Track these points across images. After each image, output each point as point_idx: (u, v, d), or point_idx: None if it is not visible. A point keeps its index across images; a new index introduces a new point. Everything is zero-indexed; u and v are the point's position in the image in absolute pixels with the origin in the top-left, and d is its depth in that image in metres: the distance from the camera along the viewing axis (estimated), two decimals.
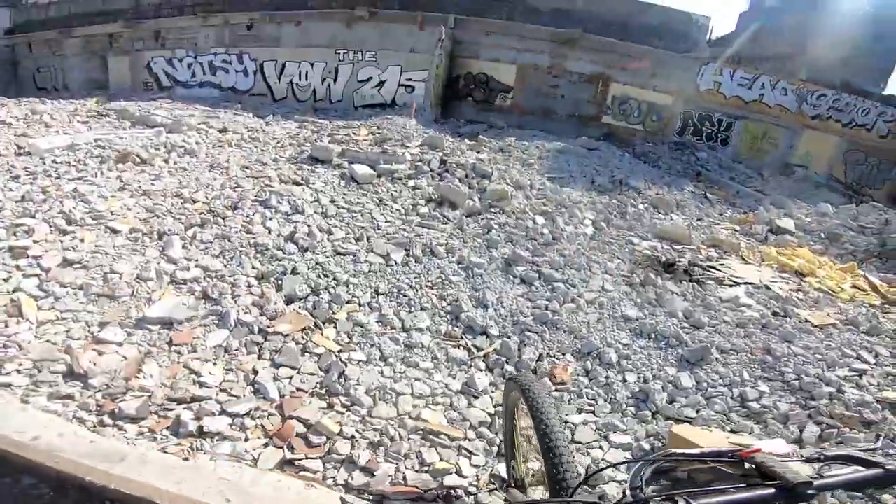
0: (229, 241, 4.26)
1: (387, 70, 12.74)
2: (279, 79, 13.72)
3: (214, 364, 2.97)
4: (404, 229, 4.91)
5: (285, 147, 7.16)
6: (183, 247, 4.15)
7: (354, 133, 8.04)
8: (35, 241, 3.93)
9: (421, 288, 3.97)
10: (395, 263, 4.25)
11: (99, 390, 2.65)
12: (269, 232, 4.48)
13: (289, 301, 3.64)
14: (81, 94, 14.31)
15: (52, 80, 16.59)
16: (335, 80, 13.15)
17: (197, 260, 3.98)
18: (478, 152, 8.74)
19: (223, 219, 4.58)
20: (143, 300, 3.47)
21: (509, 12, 12.80)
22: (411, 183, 6.13)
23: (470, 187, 6.42)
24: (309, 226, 4.61)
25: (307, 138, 7.57)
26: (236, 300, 3.54)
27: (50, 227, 4.17)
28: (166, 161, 6.17)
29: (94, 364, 2.84)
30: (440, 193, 5.89)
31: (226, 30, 14.09)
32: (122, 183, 5.25)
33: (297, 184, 5.53)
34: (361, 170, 6.00)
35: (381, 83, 12.82)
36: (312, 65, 13.25)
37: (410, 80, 12.57)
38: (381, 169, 6.21)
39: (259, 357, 3.07)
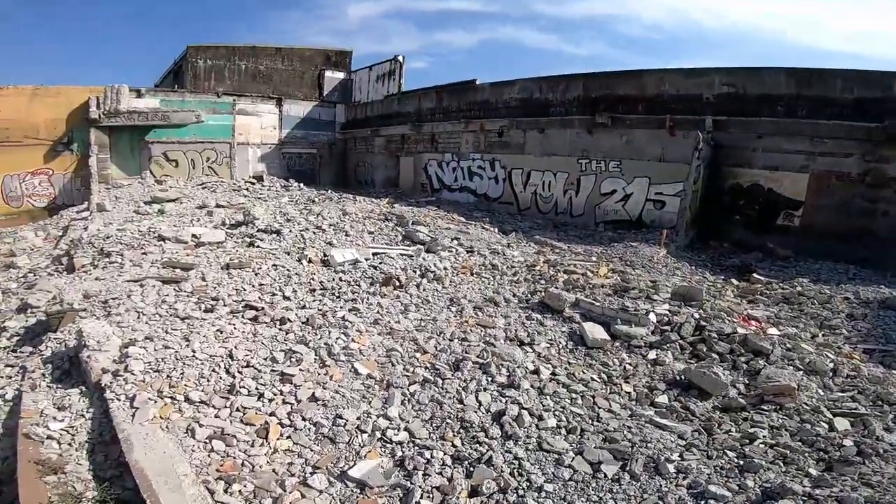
0: (441, 407, 4.16)
1: (633, 182, 11.58)
2: (524, 187, 14.02)
3: None
4: (629, 427, 3.94)
5: (520, 282, 7.11)
6: (402, 403, 4.25)
7: (592, 271, 7.46)
8: (300, 370, 4.66)
9: None
10: (604, 477, 3.35)
11: None
12: (479, 406, 4.21)
13: (473, 493, 3.27)
14: (381, 191, 18.18)
15: (365, 175, 20.90)
16: (577, 192, 12.65)
17: (408, 422, 3.99)
18: (749, 301, 6.91)
19: (442, 380, 4.57)
20: (353, 452, 3.65)
21: (788, 108, 10.30)
22: (652, 355, 5.08)
23: (734, 367, 4.94)
24: (520, 405, 4.15)
25: (542, 274, 7.36)
26: (426, 479, 3.36)
27: (315, 357, 4.91)
28: (417, 286, 6.87)
29: None
30: (688, 377, 4.66)
31: (482, 136, 15.16)
32: (379, 313, 5.96)
33: (522, 344, 5.23)
34: (593, 332, 5.32)
35: (627, 196, 11.70)
36: (555, 174, 13.12)
37: (660, 193, 11.16)
38: (617, 330, 5.39)
39: None
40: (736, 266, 8.88)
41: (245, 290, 6.38)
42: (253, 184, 17.44)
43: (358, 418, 4.01)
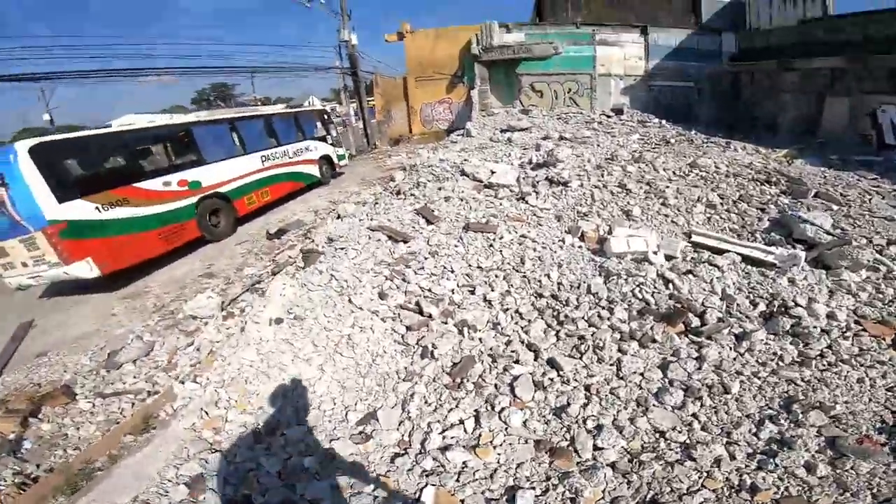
0: None
1: None
2: None
3: None
4: None
5: None
6: None
7: None
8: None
9: None
10: None
11: None
12: None
13: None
14: (786, 137, 12.12)
15: (764, 116, 14.95)
16: None
17: None
18: None
19: None
20: None
21: None
22: None
23: None
24: None
25: None
26: None
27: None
28: (739, 341, 3.35)
29: None
30: None
31: None
32: (619, 399, 3.11)
33: None
34: None
35: None
36: None
37: None
38: None
39: None
40: None
41: (445, 272, 4.66)
42: (609, 117, 15.23)
43: None
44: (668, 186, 5.95)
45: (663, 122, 13.76)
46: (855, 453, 2.43)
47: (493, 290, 4.29)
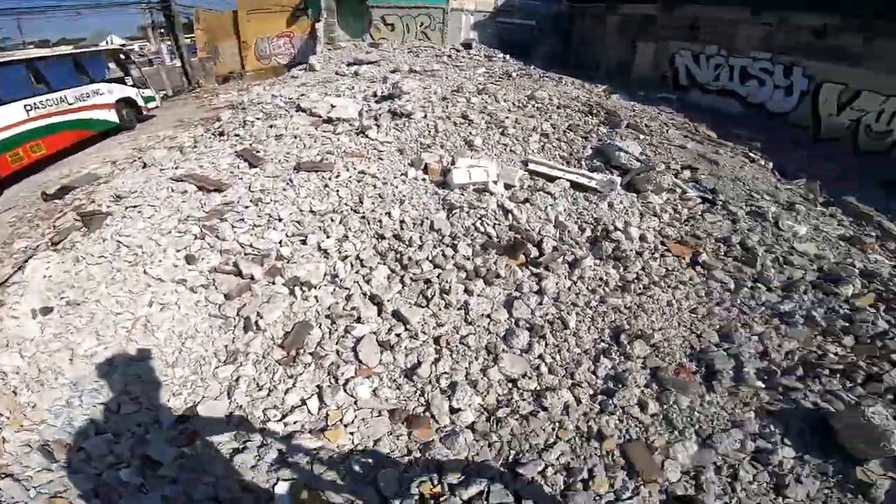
0: None
1: None
2: (839, 110, 7.91)
3: None
4: None
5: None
6: None
7: None
8: None
9: None
10: None
11: None
12: None
13: None
14: (607, 75, 13.47)
15: (590, 57, 16.36)
16: None
17: None
18: None
19: None
20: None
21: None
22: None
23: None
24: None
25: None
26: None
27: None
28: (572, 269, 3.50)
29: None
30: None
31: (780, 32, 9.13)
32: (471, 326, 3.01)
33: None
34: None
35: None
36: None
37: None
38: None
39: None
40: None
41: (270, 221, 3.99)
42: (458, 51, 15.01)
43: None
44: (507, 117, 5.94)
45: (507, 57, 14.09)
46: (675, 386, 2.68)
47: (328, 237, 3.76)
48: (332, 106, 6.73)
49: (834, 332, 3.07)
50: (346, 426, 2.49)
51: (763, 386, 2.70)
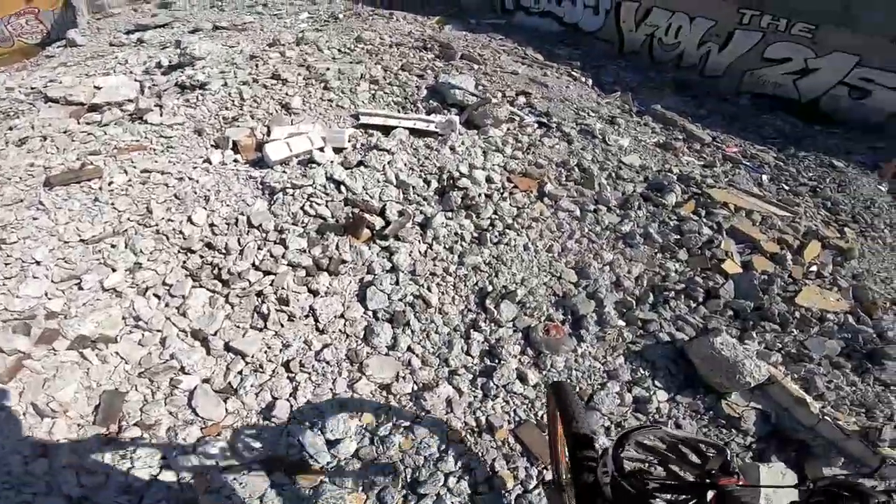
0: None
1: (827, 56, 6.57)
2: (637, 26, 8.66)
3: None
4: None
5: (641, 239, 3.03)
6: None
7: (790, 243, 3.07)
8: None
9: None
10: None
11: None
12: None
13: None
14: (439, 7, 12.80)
15: None
16: (721, 48, 7.57)
17: None
18: None
19: None
20: None
21: None
22: None
23: None
24: None
25: (686, 230, 3.18)
26: None
27: None
28: (424, 233, 3.18)
29: None
30: None
31: None
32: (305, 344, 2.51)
33: None
34: None
35: (806, 71, 6.82)
36: (693, 20, 7.78)
37: (869, 80, 6.37)
38: None
39: None
40: None
41: (24, 268, 2.83)
42: None
43: None
44: (328, 68, 5.14)
45: None
46: (548, 348, 2.52)
47: (113, 271, 2.83)
48: (97, 88, 5.16)
49: (670, 247, 3.26)
50: (212, 494, 1.93)
51: (624, 324, 2.74)
